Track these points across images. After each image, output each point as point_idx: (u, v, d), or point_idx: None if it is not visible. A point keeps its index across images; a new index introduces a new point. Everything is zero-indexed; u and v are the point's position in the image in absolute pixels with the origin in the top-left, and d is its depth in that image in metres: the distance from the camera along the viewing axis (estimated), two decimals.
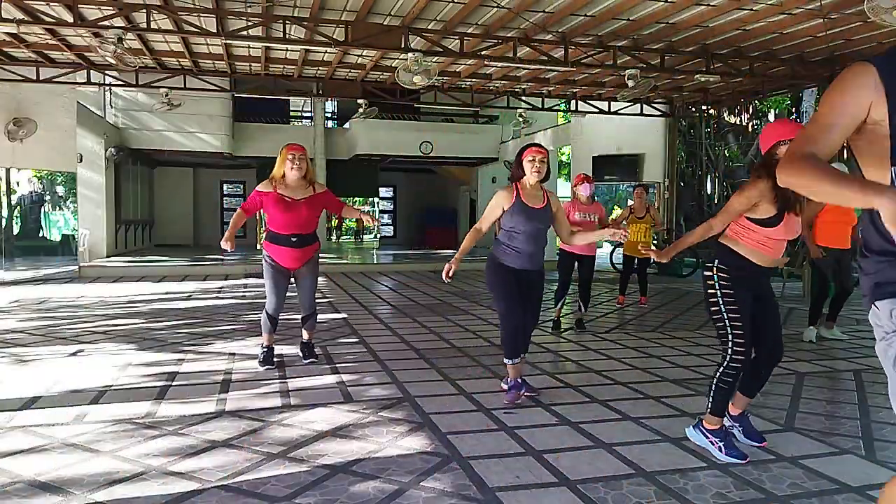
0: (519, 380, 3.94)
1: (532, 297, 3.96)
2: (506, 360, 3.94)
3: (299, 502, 2.54)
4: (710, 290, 3.08)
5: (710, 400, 3.09)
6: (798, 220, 3.04)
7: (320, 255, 4.98)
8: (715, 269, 3.06)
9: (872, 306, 1.55)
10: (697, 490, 2.69)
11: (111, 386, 4.24)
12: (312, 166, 4.72)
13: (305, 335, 5.01)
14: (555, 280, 6.59)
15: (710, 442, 3.08)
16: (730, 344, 3.01)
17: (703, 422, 3.14)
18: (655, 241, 13.65)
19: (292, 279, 4.83)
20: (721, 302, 3.03)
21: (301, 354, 5.01)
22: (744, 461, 2.96)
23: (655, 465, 2.95)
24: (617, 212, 27.14)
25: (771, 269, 3.12)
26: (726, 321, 3.02)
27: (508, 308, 3.86)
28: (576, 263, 6.49)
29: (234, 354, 5.27)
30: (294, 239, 4.54)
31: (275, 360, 4.88)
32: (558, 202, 4.05)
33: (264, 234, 4.77)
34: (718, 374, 3.06)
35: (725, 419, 3.19)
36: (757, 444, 3.18)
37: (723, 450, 3.02)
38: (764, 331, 3.11)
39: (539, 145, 3.96)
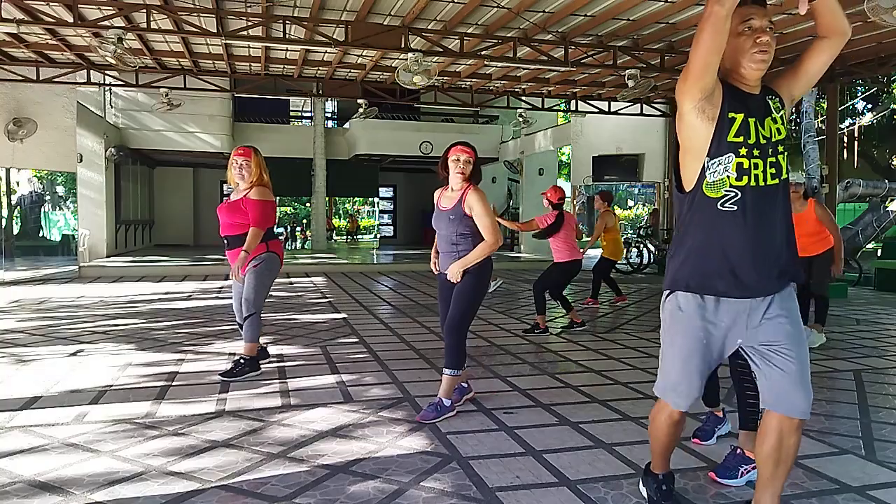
0: (464, 384, 3.90)
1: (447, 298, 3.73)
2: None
3: (299, 502, 2.54)
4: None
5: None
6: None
7: (316, 255, 4.89)
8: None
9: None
10: (697, 490, 2.69)
11: (111, 386, 4.24)
12: (308, 165, 4.59)
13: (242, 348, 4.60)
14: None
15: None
16: None
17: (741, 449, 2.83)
18: (656, 242, 13.70)
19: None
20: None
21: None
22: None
23: None
24: (617, 211, 27.24)
25: None
26: None
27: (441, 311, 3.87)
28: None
29: (234, 354, 5.26)
30: (226, 241, 4.51)
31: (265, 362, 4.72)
32: (476, 199, 3.54)
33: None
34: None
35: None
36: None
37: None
38: None
39: (465, 144, 3.66)
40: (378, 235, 26.49)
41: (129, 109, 16.48)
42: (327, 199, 22.40)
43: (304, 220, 21.38)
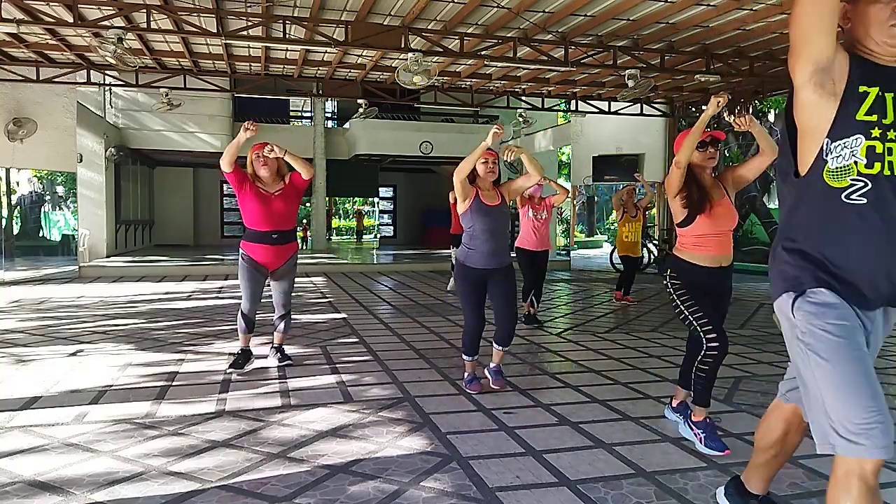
0: (476, 372, 4.23)
1: (500, 294, 4.07)
2: (463, 356, 4.23)
3: (299, 502, 2.54)
4: (670, 297, 3.29)
5: (692, 391, 3.24)
6: (727, 213, 3.16)
7: (316, 255, 4.91)
8: (667, 276, 3.30)
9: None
10: (697, 490, 2.69)
11: (111, 386, 4.24)
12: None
13: (276, 339, 4.85)
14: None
15: (693, 433, 3.20)
16: (701, 333, 3.13)
17: (691, 415, 3.25)
18: (655, 242, 13.69)
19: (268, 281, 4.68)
20: (678, 302, 3.22)
21: (275, 359, 4.82)
22: (723, 453, 3.06)
23: (655, 465, 2.95)
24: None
25: (724, 273, 3.23)
26: (689, 316, 3.17)
27: (467, 310, 4.14)
28: (533, 258, 6.61)
29: (233, 354, 5.26)
30: (274, 236, 4.44)
31: (249, 364, 4.68)
32: (507, 184, 4.19)
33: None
34: (697, 364, 3.17)
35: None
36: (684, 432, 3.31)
37: (703, 441, 3.12)
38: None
39: (489, 149, 4.08)
40: (378, 235, 26.47)
41: (129, 109, 16.48)
42: (327, 199, 22.40)
43: (304, 220, 21.36)
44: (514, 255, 6.25)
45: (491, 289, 4.08)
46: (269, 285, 4.71)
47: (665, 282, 3.31)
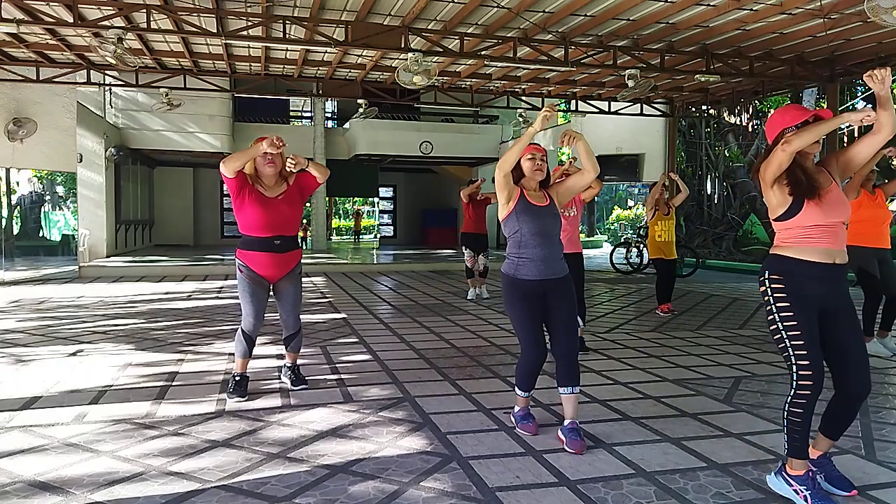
0: (528, 409, 3.50)
1: (559, 313, 3.27)
2: (516, 391, 3.46)
3: (299, 502, 2.54)
4: (767, 307, 2.65)
5: (786, 439, 2.61)
6: (838, 200, 2.61)
7: (315, 255, 4.70)
8: (767, 280, 2.65)
9: None
10: (697, 490, 2.69)
11: (111, 386, 4.24)
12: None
13: (289, 358, 4.31)
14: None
15: (795, 490, 2.57)
16: (793, 367, 2.55)
17: (786, 466, 2.64)
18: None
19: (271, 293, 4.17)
20: (777, 318, 2.59)
21: (289, 381, 4.28)
22: None
23: (655, 465, 2.95)
24: (617, 211, 27.22)
25: (839, 273, 2.61)
26: (786, 341, 2.56)
27: (524, 338, 3.32)
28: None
29: (233, 354, 5.26)
30: (277, 242, 3.92)
31: (246, 391, 4.06)
32: (555, 185, 3.54)
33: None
34: (787, 406, 2.58)
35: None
36: (844, 493, 2.65)
37: (808, 499, 2.52)
38: (843, 354, 2.61)
39: (536, 143, 3.49)
40: (378, 235, 26.47)
41: (129, 109, 16.47)
42: (327, 199, 22.39)
43: (304, 221, 21.37)
44: None
45: (549, 309, 3.29)
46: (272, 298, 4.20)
47: (763, 288, 2.67)
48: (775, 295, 2.60)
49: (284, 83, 12.57)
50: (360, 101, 13.35)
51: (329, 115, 22.68)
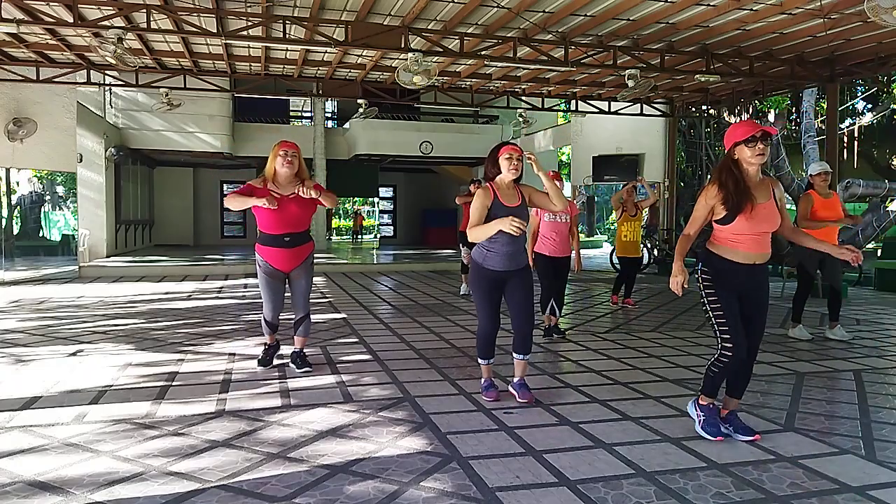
0: (492, 380, 4.07)
1: (517, 298, 3.86)
2: (479, 360, 4.06)
3: (299, 502, 2.54)
4: (699, 293, 3.30)
5: (703, 383, 3.37)
6: (768, 214, 3.12)
7: (315, 255, 4.80)
8: (699, 271, 3.29)
9: None
10: (697, 490, 2.69)
11: (111, 386, 4.24)
12: (308, 165, 4.56)
13: (297, 343, 4.73)
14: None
15: (698, 414, 3.36)
16: (719, 340, 3.22)
17: (699, 398, 3.39)
18: (652, 244, 13.68)
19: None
20: (706, 302, 3.26)
21: (294, 365, 4.68)
22: (715, 438, 3.23)
23: (655, 465, 2.95)
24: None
25: (760, 268, 3.22)
26: (712, 319, 3.23)
27: (482, 313, 3.92)
28: (553, 265, 5.99)
29: (233, 354, 5.27)
30: (287, 238, 4.39)
31: (274, 360, 4.85)
32: (528, 188, 3.93)
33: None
34: (710, 364, 3.30)
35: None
36: (748, 438, 3.25)
37: (701, 423, 3.30)
38: (745, 325, 3.23)
39: (514, 144, 3.96)
40: (378, 235, 26.47)
41: (129, 109, 16.48)
42: None
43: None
44: (533, 261, 5.86)
45: (508, 292, 3.88)
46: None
47: (696, 275, 3.29)
48: (705, 284, 3.25)
49: (284, 83, 12.57)
50: (360, 101, 13.34)
51: (329, 115, 22.68)
